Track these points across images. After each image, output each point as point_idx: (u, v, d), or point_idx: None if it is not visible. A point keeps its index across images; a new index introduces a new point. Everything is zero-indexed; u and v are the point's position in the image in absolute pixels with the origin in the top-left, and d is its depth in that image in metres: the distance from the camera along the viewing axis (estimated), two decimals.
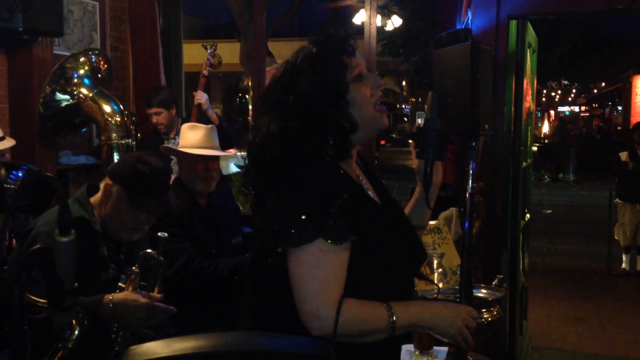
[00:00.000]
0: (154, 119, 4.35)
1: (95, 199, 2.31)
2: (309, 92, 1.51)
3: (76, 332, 1.55)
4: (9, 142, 3.31)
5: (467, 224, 1.60)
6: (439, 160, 1.60)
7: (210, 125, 3.16)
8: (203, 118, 4.26)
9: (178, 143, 4.15)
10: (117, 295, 2.12)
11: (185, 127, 3.15)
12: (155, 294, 2.18)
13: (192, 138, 3.03)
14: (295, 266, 1.43)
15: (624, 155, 7.43)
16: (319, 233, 1.41)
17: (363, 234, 1.48)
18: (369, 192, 1.64)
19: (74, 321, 1.55)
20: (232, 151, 3.32)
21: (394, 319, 1.45)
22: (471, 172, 1.63)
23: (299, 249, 1.42)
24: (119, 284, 2.22)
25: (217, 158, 3.05)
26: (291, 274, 1.44)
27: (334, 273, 1.43)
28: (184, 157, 3.01)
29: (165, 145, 4.22)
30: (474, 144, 1.62)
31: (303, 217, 1.41)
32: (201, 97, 4.28)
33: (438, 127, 1.57)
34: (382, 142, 25.87)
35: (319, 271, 1.41)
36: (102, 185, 2.31)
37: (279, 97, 1.55)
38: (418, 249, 1.70)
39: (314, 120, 1.51)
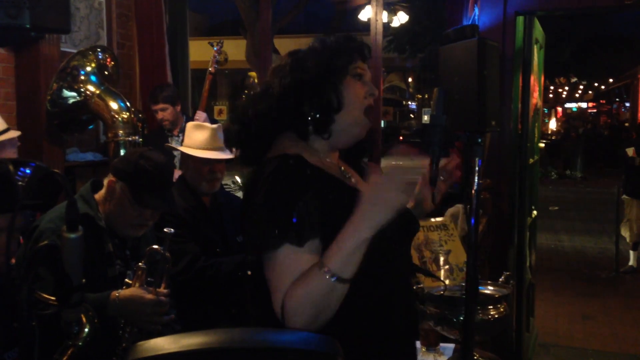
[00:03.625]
0: (160, 115, 4.38)
1: (99, 195, 2.31)
2: (308, 57, 1.56)
3: (86, 329, 1.56)
4: (14, 133, 3.32)
5: (472, 221, 1.59)
6: (444, 157, 1.59)
7: (216, 125, 3.13)
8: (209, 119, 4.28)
9: (182, 140, 4.17)
10: (124, 292, 2.13)
11: (190, 126, 3.12)
12: (162, 290, 2.19)
13: (197, 138, 3.00)
14: (267, 272, 1.43)
15: (630, 151, 7.40)
16: (285, 238, 1.39)
17: (339, 225, 1.42)
18: (354, 181, 1.63)
19: (84, 319, 1.55)
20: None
21: (327, 269, 1.33)
22: (477, 168, 1.62)
23: (269, 256, 1.41)
24: (126, 280, 2.23)
25: (222, 160, 3.03)
26: (266, 279, 1.43)
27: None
28: (189, 157, 2.98)
29: (169, 144, 4.25)
30: (479, 140, 1.61)
31: (267, 222, 1.41)
32: (199, 117, 4.31)
33: (444, 123, 1.57)
34: (401, 138, 25.87)
35: (288, 275, 1.39)
36: (105, 182, 2.31)
37: (281, 72, 1.58)
38: (409, 222, 1.68)
39: (305, 84, 1.54)
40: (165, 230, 2.24)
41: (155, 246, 2.24)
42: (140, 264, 2.20)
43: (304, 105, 1.55)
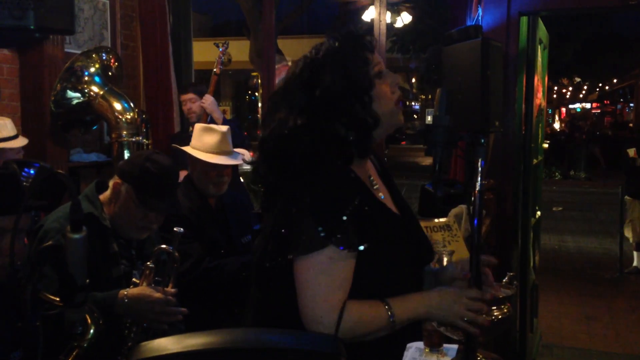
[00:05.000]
0: (187, 106, 4.39)
1: (104, 196, 2.32)
2: (334, 87, 1.50)
3: (91, 331, 1.56)
4: (22, 141, 3.34)
5: (475, 221, 1.58)
6: (448, 157, 1.59)
7: (226, 129, 3.10)
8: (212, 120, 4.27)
9: None
10: (132, 291, 2.14)
11: (199, 128, 3.09)
12: (170, 289, 2.20)
13: (207, 142, 2.98)
14: (302, 272, 1.42)
15: (632, 152, 7.38)
16: (330, 240, 1.39)
17: (371, 239, 1.47)
18: (380, 194, 1.63)
19: (89, 320, 1.56)
20: (245, 155, 3.24)
21: (393, 318, 1.45)
22: (480, 169, 1.61)
23: (308, 255, 1.40)
24: (133, 279, 2.24)
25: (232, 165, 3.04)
26: (297, 279, 1.42)
27: (340, 280, 1.42)
28: (197, 160, 2.96)
29: (176, 145, 4.24)
30: (483, 140, 1.61)
31: (314, 223, 1.40)
32: (206, 100, 4.30)
33: (447, 124, 1.56)
34: (403, 143, 25.78)
35: (325, 278, 1.40)
36: (111, 184, 2.32)
37: (301, 91, 1.53)
38: (425, 250, 1.70)
39: (339, 115, 1.50)
40: (175, 229, 2.25)
41: (163, 246, 2.25)
42: (148, 263, 2.21)
43: (343, 139, 1.51)
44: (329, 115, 1.50)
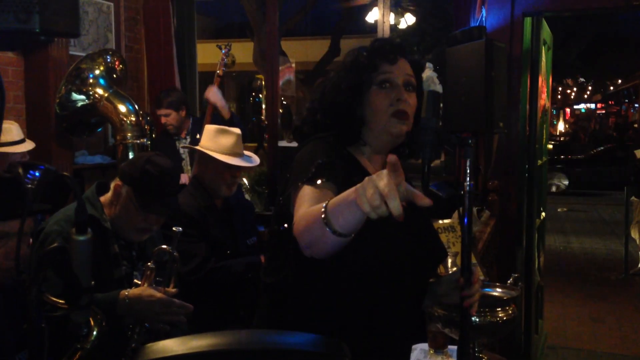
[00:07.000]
0: (163, 120, 4.41)
1: (105, 198, 2.32)
2: (335, 78, 1.65)
3: (94, 332, 1.57)
4: (29, 145, 3.35)
5: (465, 220, 1.58)
6: (435, 159, 1.62)
7: (239, 131, 3.13)
8: (217, 115, 4.28)
9: (189, 142, 4.19)
10: (132, 291, 2.14)
11: (212, 129, 3.09)
12: (171, 289, 2.20)
13: (223, 143, 2.99)
14: (292, 208, 1.50)
15: (638, 153, 7.37)
16: (304, 182, 1.47)
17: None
18: None
19: (92, 321, 1.56)
20: (256, 158, 3.25)
21: (325, 206, 1.34)
22: (468, 169, 1.62)
23: (294, 193, 1.49)
24: (135, 280, 2.24)
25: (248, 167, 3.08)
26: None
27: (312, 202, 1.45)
28: (212, 161, 2.97)
29: (185, 145, 4.26)
30: (470, 141, 1.61)
31: (295, 175, 1.53)
32: (211, 94, 4.30)
33: (434, 126, 1.59)
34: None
35: (304, 202, 1.45)
36: (112, 185, 2.32)
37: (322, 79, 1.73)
38: (436, 248, 1.70)
39: (333, 105, 1.63)
40: (173, 229, 2.25)
41: (163, 246, 2.25)
42: (149, 263, 2.21)
43: (341, 124, 1.64)
44: (326, 103, 1.64)
